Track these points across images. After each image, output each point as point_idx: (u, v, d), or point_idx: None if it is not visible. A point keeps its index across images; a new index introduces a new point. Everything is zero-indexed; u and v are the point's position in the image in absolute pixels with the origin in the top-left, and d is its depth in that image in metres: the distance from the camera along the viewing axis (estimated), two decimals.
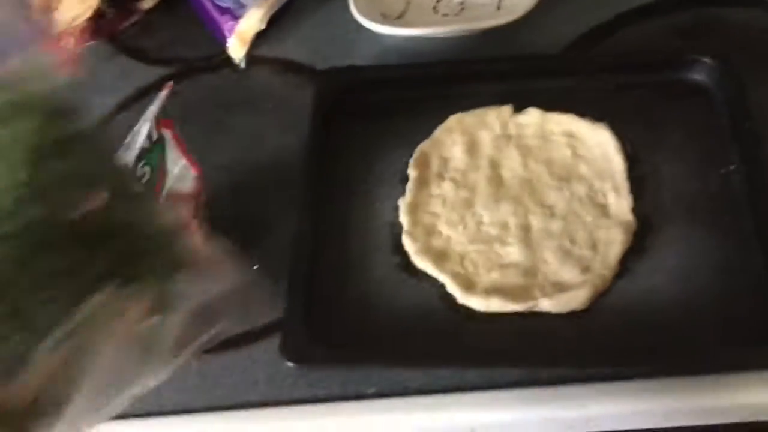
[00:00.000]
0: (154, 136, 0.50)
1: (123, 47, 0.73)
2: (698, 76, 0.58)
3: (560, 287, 0.51)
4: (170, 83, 0.51)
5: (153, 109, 0.49)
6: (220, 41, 0.69)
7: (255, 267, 0.56)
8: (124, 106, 0.69)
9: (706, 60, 0.57)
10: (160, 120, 0.50)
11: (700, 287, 0.50)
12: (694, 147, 0.56)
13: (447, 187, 0.57)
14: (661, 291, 0.50)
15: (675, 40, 0.62)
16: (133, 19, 0.74)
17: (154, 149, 0.50)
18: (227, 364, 0.53)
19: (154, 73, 0.71)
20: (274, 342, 0.53)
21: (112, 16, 0.71)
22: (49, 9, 0.71)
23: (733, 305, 0.49)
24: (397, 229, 0.56)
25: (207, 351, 0.52)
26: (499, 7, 0.66)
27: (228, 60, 0.69)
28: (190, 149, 0.58)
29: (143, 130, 0.48)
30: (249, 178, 0.62)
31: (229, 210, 0.60)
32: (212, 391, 0.52)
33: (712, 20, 0.63)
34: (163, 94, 0.50)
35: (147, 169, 0.50)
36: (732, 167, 0.54)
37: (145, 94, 0.69)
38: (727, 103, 0.56)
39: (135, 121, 0.66)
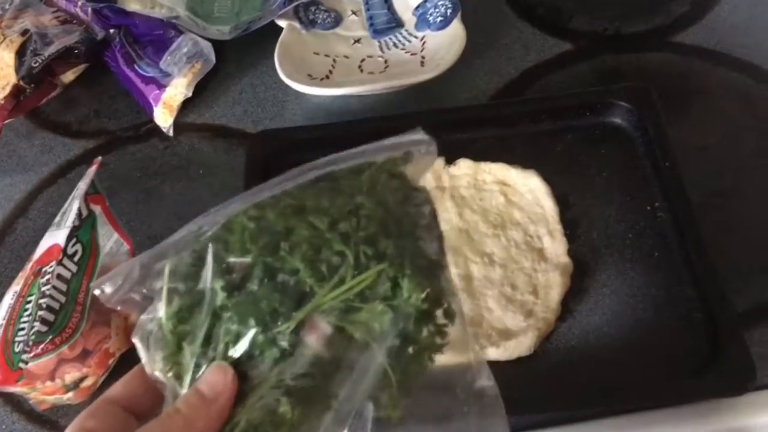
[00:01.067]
0: (84, 213, 0.48)
1: (45, 122, 0.71)
2: (617, 119, 0.61)
3: (506, 335, 0.52)
4: (99, 159, 0.49)
5: (82, 186, 0.47)
6: (146, 111, 0.69)
7: None
8: (49, 182, 0.67)
9: (624, 104, 0.60)
10: (88, 196, 0.48)
11: (637, 323, 0.52)
12: (620, 187, 0.58)
13: None
14: (602, 330, 0.52)
15: (595, 85, 0.65)
16: (54, 93, 0.72)
17: (83, 226, 0.48)
18: None
19: (78, 146, 0.69)
20: None
21: (31, 91, 0.69)
22: None
23: (670, 338, 0.51)
24: None
25: None
26: (423, 64, 0.67)
27: (155, 129, 0.68)
28: (121, 222, 0.57)
29: (73, 207, 0.46)
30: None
31: None
32: None
33: (630, 65, 0.66)
34: (92, 170, 0.49)
35: (78, 246, 0.48)
36: (657, 204, 0.56)
37: (69, 169, 0.68)
38: (647, 144, 0.59)
39: (60, 197, 0.65)
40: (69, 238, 0.46)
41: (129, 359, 0.54)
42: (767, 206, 0.56)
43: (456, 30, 0.67)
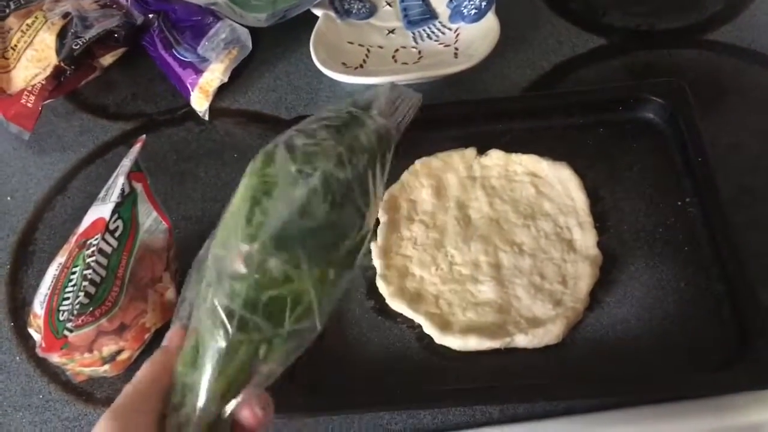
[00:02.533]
0: (127, 190, 0.49)
1: (84, 104, 0.73)
2: (650, 114, 0.61)
3: (534, 322, 0.52)
4: (143, 137, 0.51)
5: (126, 162, 0.49)
6: (183, 95, 0.70)
7: None
8: (87, 162, 0.68)
9: (656, 99, 0.60)
10: (132, 173, 0.49)
11: (665, 316, 0.52)
12: (651, 182, 0.58)
13: (417, 230, 0.58)
14: (630, 321, 0.52)
15: (627, 80, 0.66)
16: (93, 76, 0.74)
17: (125, 202, 0.49)
18: None
19: (115, 128, 0.71)
20: None
21: (71, 73, 0.70)
22: (7, 68, 0.71)
23: (698, 332, 0.51)
24: (370, 273, 0.57)
25: None
26: (456, 55, 0.68)
27: (191, 113, 0.70)
28: (159, 201, 0.58)
29: (118, 183, 0.48)
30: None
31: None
32: None
33: (662, 61, 0.66)
34: (137, 147, 0.50)
35: (119, 222, 0.49)
36: (687, 199, 0.57)
37: (107, 150, 0.69)
38: (678, 139, 0.59)
39: (98, 177, 0.67)
40: (112, 214, 0.48)
41: (164, 335, 0.55)
42: None
43: (490, 23, 0.68)
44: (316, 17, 0.71)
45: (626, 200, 0.58)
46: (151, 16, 0.73)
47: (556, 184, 0.59)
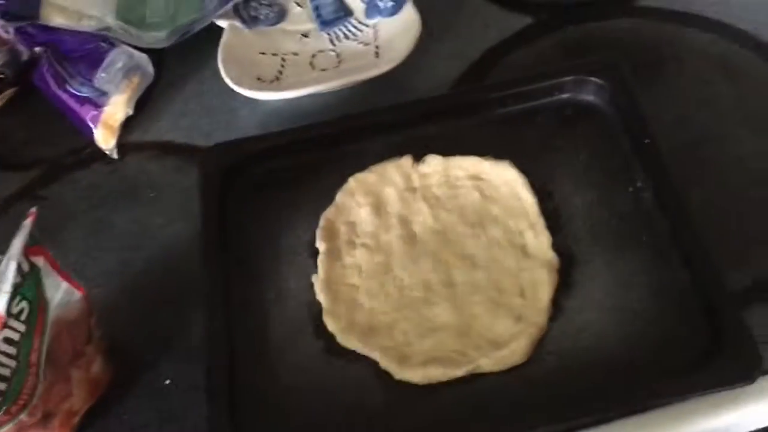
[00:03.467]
0: (26, 268, 0.44)
1: None
2: (589, 96, 0.57)
3: (497, 344, 0.48)
4: (33, 210, 0.45)
5: (17, 243, 0.43)
6: (85, 133, 0.63)
7: (167, 381, 0.51)
8: None
9: (593, 79, 0.57)
10: (29, 249, 0.44)
11: (632, 315, 0.49)
12: (599, 169, 0.55)
13: (360, 255, 0.54)
14: (596, 326, 0.49)
15: (560, 60, 0.62)
16: None
17: (27, 281, 0.44)
18: None
19: (15, 179, 0.64)
20: None
21: None
22: None
23: (668, 328, 0.48)
24: (315, 309, 0.52)
25: None
26: (377, 54, 0.63)
27: (97, 152, 0.63)
28: (70, 263, 0.52)
29: (10, 269, 0.42)
30: (142, 279, 0.56)
31: (126, 320, 0.54)
32: None
33: (595, 35, 0.63)
34: (27, 222, 0.44)
35: (24, 304, 0.44)
36: (639, 184, 0.53)
37: (8, 206, 0.62)
38: (622, 121, 0.56)
39: (2, 237, 0.60)
40: (11, 299, 0.42)
41: (96, 414, 0.50)
42: (753, 174, 0.54)
43: (409, 15, 0.63)
44: (222, 30, 0.65)
45: (576, 193, 0.54)
46: (37, 49, 0.65)
47: (501, 186, 0.55)
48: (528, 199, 0.54)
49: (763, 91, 0.57)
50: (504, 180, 0.55)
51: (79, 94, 0.63)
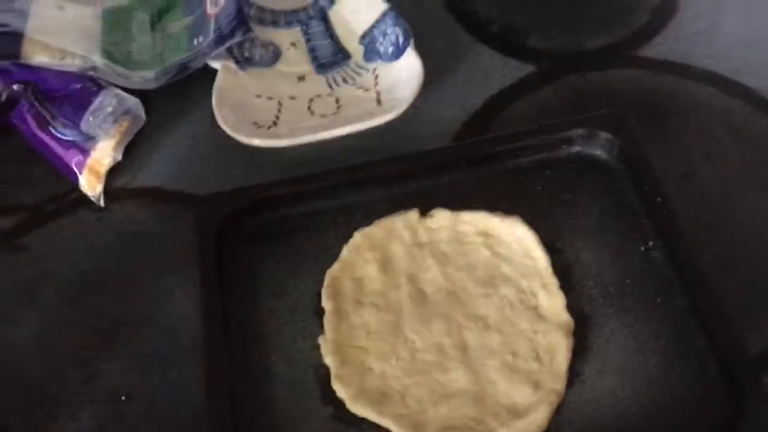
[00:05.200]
0: None
1: None
2: (596, 150, 0.57)
3: (515, 412, 0.47)
4: None
5: None
6: (69, 178, 0.60)
7: None
8: None
9: (602, 133, 0.56)
10: None
11: (650, 381, 0.48)
12: (609, 227, 0.54)
13: (368, 314, 0.52)
14: (615, 393, 0.47)
15: (563, 109, 0.61)
16: None
17: None
18: None
19: None
20: None
21: None
22: None
23: (687, 395, 0.47)
24: (322, 373, 0.50)
25: None
26: (379, 101, 0.61)
27: (82, 198, 0.59)
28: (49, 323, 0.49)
29: None
30: (136, 339, 0.53)
31: (118, 384, 0.51)
32: None
33: (596, 85, 0.62)
34: None
35: None
36: (650, 244, 0.53)
37: None
38: (631, 177, 0.55)
39: None
40: None
41: None
42: (763, 233, 0.54)
43: (411, 60, 0.61)
44: (215, 71, 0.63)
45: (587, 251, 0.53)
46: (16, 87, 0.61)
47: (511, 243, 0.53)
48: (541, 257, 0.52)
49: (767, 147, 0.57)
50: (514, 237, 0.53)
51: (63, 137, 0.59)
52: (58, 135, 0.59)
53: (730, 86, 0.61)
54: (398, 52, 0.62)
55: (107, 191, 0.60)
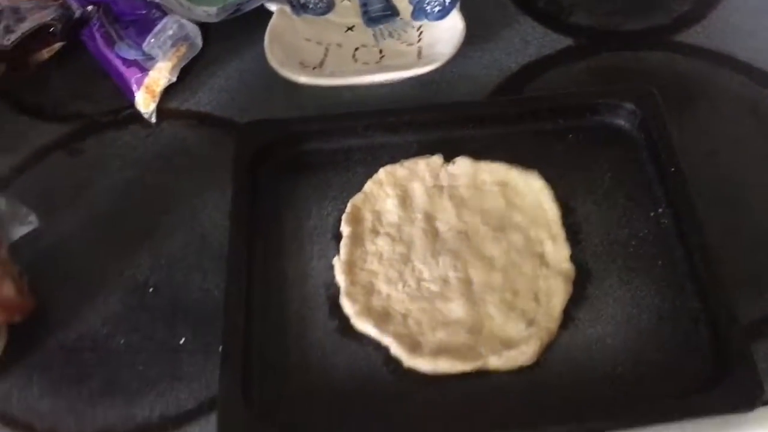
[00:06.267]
0: None
1: (16, 104, 0.67)
2: (620, 120, 0.59)
3: (507, 343, 0.50)
4: None
5: None
6: (126, 95, 0.65)
7: (182, 341, 0.53)
8: (20, 169, 0.63)
9: (627, 105, 0.58)
10: None
11: (641, 335, 0.50)
12: (623, 192, 0.56)
13: (382, 243, 0.55)
14: (605, 341, 0.50)
15: (596, 84, 0.64)
16: (27, 74, 0.68)
17: None
18: None
19: (52, 130, 0.65)
20: (208, 423, 0.49)
21: (3, 70, 0.65)
22: None
23: (675, 350, 0.49)
24: (333, 290, 0.53)
25: None
26: (419, 56, 0.65)
27: (136, 115, 0.65)
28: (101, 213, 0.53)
29: None
30: (169, 241, 0.58)
31: (148, 277, 0.56)
32: None
33: (630, 64, 0.65)
34: None
35: None
36: (660, 210, 0.55)
37: (44, 155, 0.64)
38: (650, 147, 0.57)
39: (35, 184, 0.62)
40: None
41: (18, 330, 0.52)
42: None
43: (455, 21, 0.65)
44: (271, 13, 0.67)
45: (598, 211, 0.55)
46: (90, 8, 0.67)
47: (527, 195, 0.56)
48: (552, 210, 0.55)
49: None
50: (530, 189, 0.56)
51: (126, 56, 0.64)
52: (122, 54, 0.64)
53: (761, 77, 0.62)
54: (444, 13, 0.66)
55: (159, 110, 0.65)
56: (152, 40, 0.63)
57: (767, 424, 0.47)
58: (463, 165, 0.58)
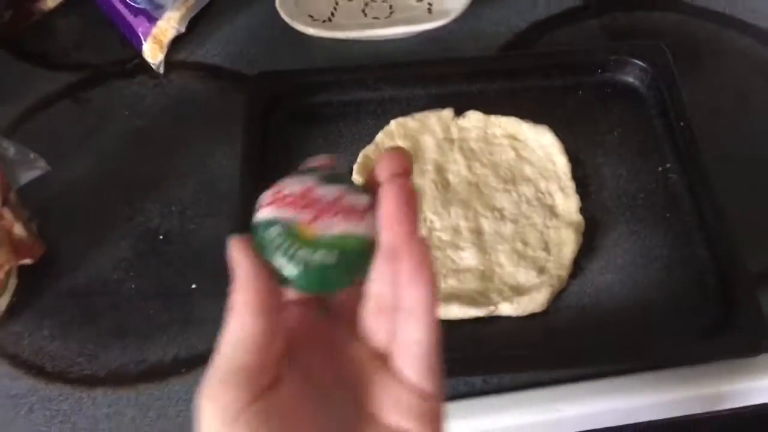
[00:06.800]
0: None
1: (21, 52, 0.66)
2: (630, 77, 0.59)
3: (518, 290, 0.50)
4: None
5: None
6: (133, 45, 0.64)
7: (193, 286, 0.53)
8: (26, 116, 0.62)
9: (637, 62, 0.59)
10: None
11: (649, 283, 0.51)
12: (631, 147, 0.57)
13: None
14: (614, 289, 0.51)
15: (605, 41, 0.64)
16: (32, 21, 0.67)
17: None
18: (171, 393, 0.49)
19: (58, 79, 0.64)
20: None
21: (8, 18, 0.64)
22: None
23: (683, 298, 0.50)
24: None
25: (148, 380, 0.49)
26: (430, 11, 0.65)
27: (143, 65, 0.64)
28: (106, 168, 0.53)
29: None
30: (178, 189, 0.57)
31: (158, 224, 0.56)
32: (155, 426, 0.48)
33: (640, 23, 0.65)
34: None
35: None
36: (668, 165, 0.56)
37: (50, 103, 0.63)
38: (659, 104, 0.58)
39: (40, 131, 0.61)
40: None
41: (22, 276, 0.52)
42: None
43: None
44: None
45: (607, 165, 0.56)
46: None
47: (536, 148, 0.57)
48: (562, 162, 0.55)
49: None
50: (540, 143, 0.57)
51: (135, 4, 0.63)
52: (130, 2, 0.64)
53: (766, 38, 0.63)
54: None
55: (167, 61, 0.64)
56: None
57: None
58: (473, 119, 0.58)
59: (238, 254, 0.29)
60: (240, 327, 0.28)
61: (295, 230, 0.29)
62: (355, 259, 0.29)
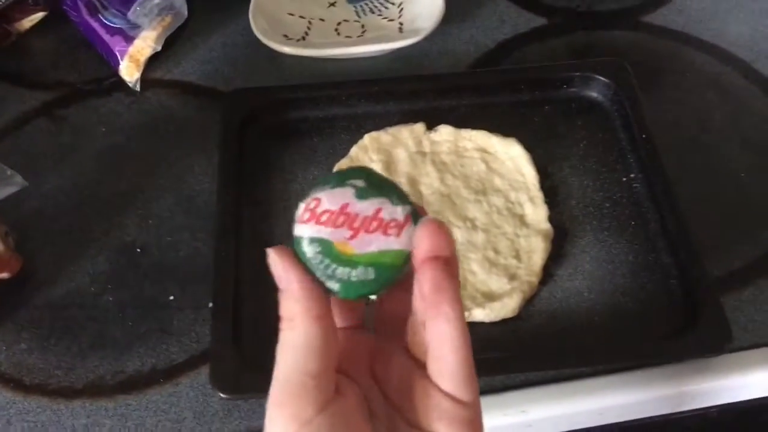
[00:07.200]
0: None
1: None
2: (594, 92, 0.62)
3: (490, 297, 0.52)
4: None
5: None
6: (110, 64, 0.65)
7: (170, 298, 0.53)
8: (5, 133, 0.63)
9: (602, 78, 0.61)
10: None
11: (616, 288, 0.53)
12: (597, 158, 0.59)
13: None
14: (583, 294, 0.53)
15: (570, 59, 0.66)
16: (8, 41, 0.67)
17: None
18: (149, 404, 0.49)
19: (34, 97, 0.65)
20: (199, 375, 0.50)
21: None
22: None
23: (648, 303, 0.52)
24: None
25: (126, 391, 0.49)
26: (401, 30, 0.67)
27: (120, 83, 0.65)
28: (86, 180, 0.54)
29: None
30: (155, 203, 0.58)
31: (135, 237, 0.56)
32: None
33: (601, 42, 0.68)
34: None
35: None
36: (632, 175, 0.58)
37: (25, 122, 0.64)
38: (622, 117, 0.60)
39: (15, 150, 0.62)
40: None
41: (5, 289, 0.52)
42: (737, 177, 0.58)
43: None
44: None
45: (573, 176, 0.58)
46: None
47: (506, 160, 0.59)
48: (530, 174, 0.57)
49: (751, 110, 0.62)
50: (509, 155, 0.58)
51: (111, 24, 0.65)
52: (107, 22, 0.65)
53: (722, 55, 0.66)
54: None
55: (144, 79, 0.65)
56: (138, 9, 0.63)
57: (736, 369, 0.50)
58: (444, 132, 0.60)
59: (287, 265, 0.30)
60: (302, 334, 0.29)
61: (333, 250, 0.30)
62: (393, 273, 0.30)
